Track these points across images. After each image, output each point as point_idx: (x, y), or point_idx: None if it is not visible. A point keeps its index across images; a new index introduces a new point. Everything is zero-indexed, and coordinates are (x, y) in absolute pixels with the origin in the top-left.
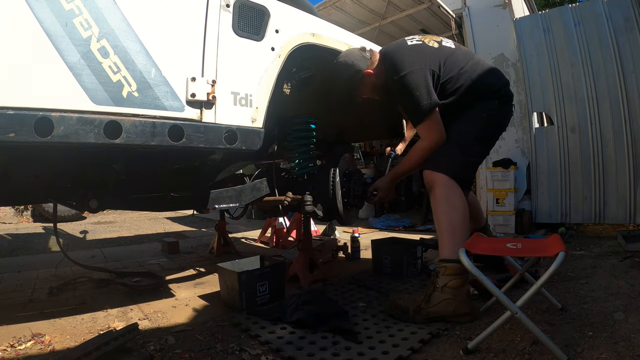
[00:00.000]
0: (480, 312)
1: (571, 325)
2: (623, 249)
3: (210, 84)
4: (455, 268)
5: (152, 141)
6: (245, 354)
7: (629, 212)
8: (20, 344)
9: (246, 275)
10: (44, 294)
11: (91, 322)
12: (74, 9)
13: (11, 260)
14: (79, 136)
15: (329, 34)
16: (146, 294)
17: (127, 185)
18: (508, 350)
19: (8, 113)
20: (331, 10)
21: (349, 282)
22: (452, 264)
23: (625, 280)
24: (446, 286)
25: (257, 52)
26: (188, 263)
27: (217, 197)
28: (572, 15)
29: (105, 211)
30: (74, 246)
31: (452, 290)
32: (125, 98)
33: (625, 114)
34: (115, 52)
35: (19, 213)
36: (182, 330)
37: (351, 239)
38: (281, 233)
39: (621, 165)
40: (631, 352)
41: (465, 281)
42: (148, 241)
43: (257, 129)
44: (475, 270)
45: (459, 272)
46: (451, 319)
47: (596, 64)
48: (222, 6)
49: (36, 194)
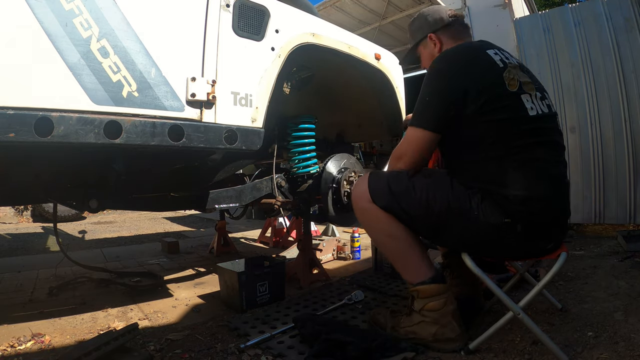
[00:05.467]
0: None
1: (571, 325)
2: (623, 249)
3: (210, 84)
4: (431, 289)
5: (152, 141)
6: (244, 355)
7: (629, 212)
8: (20, 344)
9: (246, 275)
10: (44, 294)
11: (91, 322)
12: (74, 9)
13: (11, 260)
14: (79, 136)
15: (329, 34)
16: (146, 294)
17: (127, 185)
18: (508, 350)
19: (8, 113)
20: (331, 10)
21: (349, 282)
22: (424, 286)
23: (625, 280)
24: (424, 309)
25: (257, 52)
26: (188, 263)
27: (217, 197)
28: (572, 15)
29: (105, 211)
30: (74, 246)
31: (431, 313)
32: (125, 98)
33: (625, 114)
34: (115, 52)
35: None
36: (182, 330)
37: (351, 239)
38: (281, 233)
39: (621, 165)
40: (631, 352)
41: (448, 301)
42: (148, 241)
43: (257, 129)
44: (478, 271)
45: (435, 292)
46: (431, 344)
47: (596, 64)
48: (222, 6)
49: (36, 194)
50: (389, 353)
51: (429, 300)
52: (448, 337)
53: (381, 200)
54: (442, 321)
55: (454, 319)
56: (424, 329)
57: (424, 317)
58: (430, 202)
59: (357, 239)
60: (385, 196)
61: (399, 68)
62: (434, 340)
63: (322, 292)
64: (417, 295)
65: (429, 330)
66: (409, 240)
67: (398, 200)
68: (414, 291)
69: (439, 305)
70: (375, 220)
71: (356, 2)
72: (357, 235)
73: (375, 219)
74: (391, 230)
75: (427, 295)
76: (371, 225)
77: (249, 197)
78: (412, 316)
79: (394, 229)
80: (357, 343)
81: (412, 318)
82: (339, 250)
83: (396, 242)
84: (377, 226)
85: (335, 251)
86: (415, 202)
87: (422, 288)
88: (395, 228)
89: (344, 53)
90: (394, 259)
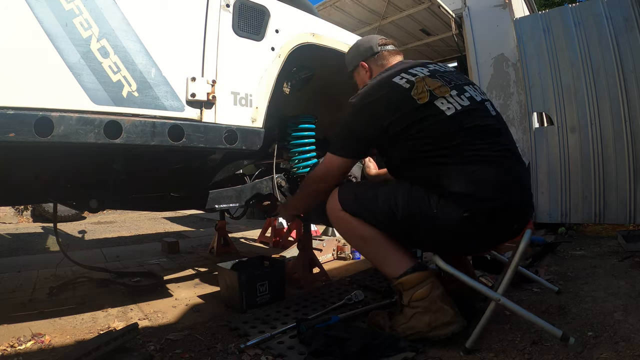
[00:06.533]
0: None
1: (571, 325)
2: (623, 249)
3: (210, 83)
4: (413, 278)
5: (152, 141)
6: (244, 355)
7: (629, 212)
8: (20, 344)
9: (246, 275)
10: (44, 294)
11: (91, 322)
12: (74, 9)
13: (11, 260)
14: (79, 136)
15: (329, 34)
16: (146, 294)
17: (127, 185)
18: (508, 350)
19: (8, 113)
20: (331, 10)
21: (349, 282)
22: (406, 277)
23: (625, 280)
24: (412, 300)
25: (257, 52)
26: (188, 263)
27: (217, 197)
28: (572, 15)
29: (105, 211)
30: (74, 246)
31: (420, 302)
32: (125, 98)
33: (625, 114)
34: (115, 52)
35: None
36: (182, 330)
37: None
38: (281, 233)
39: (621, 165)
40: (631, 352)
41: (434, 286)
42: (148, 241)
43: (257, 128)
44: (450, 268)
45: (418, 280)
46: (430, 334)
47: (596, 64)
48: (222, 6)
49: (36, 194)
50: (389, 353)
51: (414, 289)
52: (443, 322)
53: (350, 207)
54: (432, 307)
55: (444, 303)
56: (418, 321)
57: (415, 309)
58: (392, 207)
59: None
60: (352, 203)
61: None
62: (431, 329)
63: (322, 292)
64: (402, 288)
65: (423, 320)
66: (382, 239)
67: (364, 207)
68: (399, 284)
69: (425, 292)
70: (348, 226)
71: (356, 2)
72: None
73: (347, 225)
74: (364, 234)
75: (411, 285)
76: (345, 232)
77: (248, 197)
78: (404, 312)
79: (365, 232)
80: (356, 339)
81: (405, 314)
82: (339, 250)
83: (370, 244)
84: (350, 232)
85: (335, 251)
86: (379, 209)
87: (405, 279)
88: (366, 231)
89: (344, 53)
90: (373, 260)
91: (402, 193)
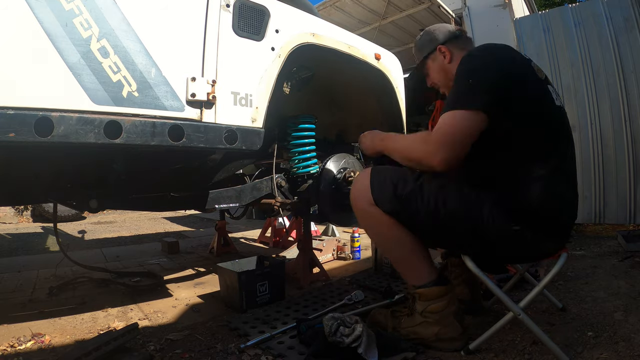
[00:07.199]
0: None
1: (571, 325)
2: (623, 249)
3: (210, 83)
4: (433, 292)
5: (152, 141)
6: (244, 355)
7: (629, 212)
8: (20, 344)
9: (246, 275)
10: (44, 294)
11: (91, 322)
12: (74, 9)
13: (11, 260)
14: (79, 136)
15: (329, 34)
16: (146, 294)
17: (127, 185)
18: (508, 350)
19: (8, 113)
20: (331, 10)
21: (349, 282)
22: (426, 289)
23: (625, 280)
24: (426, 310)
25: (257, 52)
26: (188, 263)
27: (217, 197)
28: (572, 15)
29: (105, 211)
30: (74, 246)
31: (433, 315)
32: (125, 98)
33: (625, 114)
34: (115, 52)
35: (19, 213)
36: (182, 330)
37: (351, 239)
38: (281, 233)
39: (621, 165)
40: (631, 352)
41: (451, 302)
42: (148, 241)
43: (257, 128)
44: (480, 272)
45: (438, 295)
46: (433, 343)
47: (596, 63)
48: (222, 6)
49: (36, 194)
50: (389, 352)
51: (431, 302)
52: (450, 337)
53: (385, 205)
54: (444, 321)
55: (455, 319)
56: (426, 329)
57: (425, 318)
58: (438, 207)
59: (357, 239)
60: (390, 200)
61: (399, 68)
62: (436, 340)
63: (322, 292)
64: (419, 298)
65: (431, 330)
66: (412, 244)
67: (404, 206)
68: (416, 293)
69: (441, 307)
70: (378, 224)
71: (356, 2)
72: (357, 235)
73: (376, 222)
74: (395, 235)
75: (429, 297)
76: (373, 229)
77: (248, 197)
78: (414, 317)
79: (397, 233)
80: None
81: (414, 319)
82: (339, 250)
83: (399, 246)
84: (379, 230)
85: (335, 251)
86: (421, 208)
87: (424, 291)
88: (399, 232)
89: (343, 53)
90: (396, 262)
91: (453, 193)
